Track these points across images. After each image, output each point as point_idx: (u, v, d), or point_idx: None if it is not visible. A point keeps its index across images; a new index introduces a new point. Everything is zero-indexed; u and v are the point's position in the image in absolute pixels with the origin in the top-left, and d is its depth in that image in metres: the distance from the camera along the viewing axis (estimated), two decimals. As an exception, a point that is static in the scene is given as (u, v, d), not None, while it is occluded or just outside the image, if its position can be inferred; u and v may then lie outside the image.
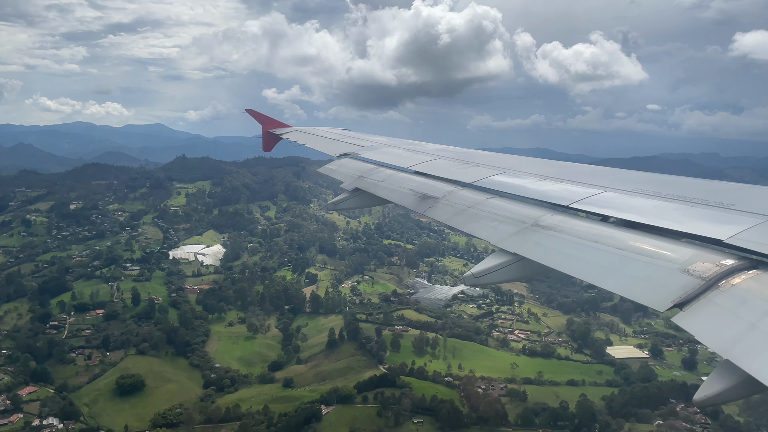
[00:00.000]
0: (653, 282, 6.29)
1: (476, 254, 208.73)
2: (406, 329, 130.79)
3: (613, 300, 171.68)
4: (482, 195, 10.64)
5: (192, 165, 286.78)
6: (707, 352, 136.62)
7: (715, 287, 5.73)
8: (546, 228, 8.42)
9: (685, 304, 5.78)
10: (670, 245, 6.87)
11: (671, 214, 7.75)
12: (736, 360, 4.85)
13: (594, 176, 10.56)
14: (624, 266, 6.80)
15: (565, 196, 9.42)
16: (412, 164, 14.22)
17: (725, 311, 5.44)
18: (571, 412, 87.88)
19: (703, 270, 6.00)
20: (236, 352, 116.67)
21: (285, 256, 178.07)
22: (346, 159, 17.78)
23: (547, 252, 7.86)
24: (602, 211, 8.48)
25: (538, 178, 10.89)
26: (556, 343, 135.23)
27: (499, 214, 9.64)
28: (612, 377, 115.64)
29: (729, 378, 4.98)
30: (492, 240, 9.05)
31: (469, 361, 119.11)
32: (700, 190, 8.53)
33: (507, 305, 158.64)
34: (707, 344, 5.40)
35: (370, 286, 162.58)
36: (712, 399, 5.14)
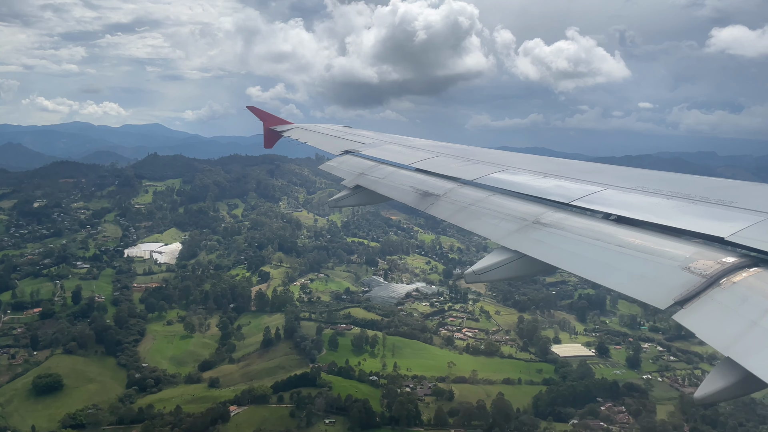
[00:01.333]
0: (654, 279, 6.20)
1: (441, 252, 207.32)
2: (349, 327, 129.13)
3: (573, 298, 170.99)
4: (483, 192, 10.56)
5: (163, 163, 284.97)
6: (656, 350, 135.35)
7: (716, 285, 5.63)
8: (547, 225, 8.34)
9: (686, 301, 5.64)
10: (671, 243, 6.79)
11: (672, 212, 7.67)
12: (736, 357, 4.75)
13: (595, 173, 10.43)
14: (625, 264, 6.74)
15: (566, 193, 9.31)
16: (413, 161, 14.13)
17: (726, 309, 5.35)
18: (486, 412, 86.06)
19: (704, 267, 5.92)
20: (169, 351, 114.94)
21: (242, 254, 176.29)
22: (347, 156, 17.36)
23: (548, 249, 7.80)
24: (603, 208, 8.37)
25: (539, 176, 10.81)
26: (503, 342, 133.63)
27: (500, 211, 9.56)
28: (551, 376, 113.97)
29: (729, 375, 4.91)
30: (493, 237, 8.92)
31: (408, 360, 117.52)
32: (702, 188, 8.41)
33: (461, 303, 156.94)
34: (708, 342, 5.27)
35: (324, 284, 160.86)
36: (713, 396, 5.05)
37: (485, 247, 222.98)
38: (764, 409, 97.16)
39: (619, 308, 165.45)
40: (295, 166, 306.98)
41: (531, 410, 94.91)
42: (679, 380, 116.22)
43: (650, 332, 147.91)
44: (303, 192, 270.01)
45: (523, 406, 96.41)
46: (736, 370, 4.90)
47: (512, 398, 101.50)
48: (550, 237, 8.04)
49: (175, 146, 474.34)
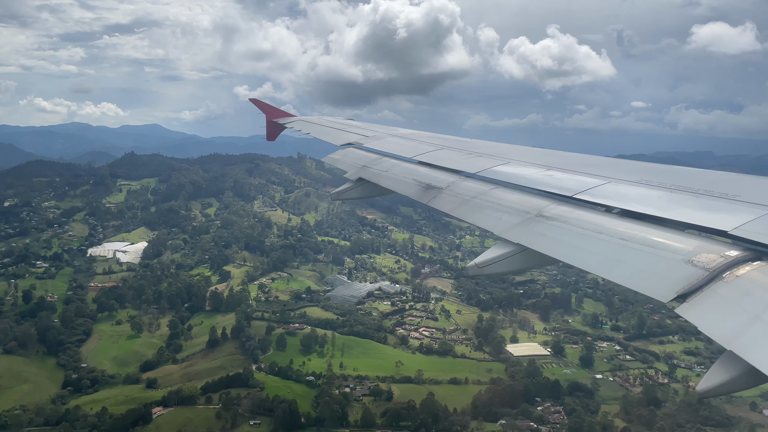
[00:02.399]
0: (657, 273, 6.19)
1: (412, 251, 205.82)
2: (301, 327, 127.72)
3: (540, 297, 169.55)
4: (486, 185, 10.54)
5: (141, 162, 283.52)
6: (614, 349, 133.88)
7: (719, 278, 5.57)
8: (550, 218, 8.29)
9: (688, 295, 5.59)
10: (674, 236, 6.75)
11: (675, 205, 7.63)
12: (739, 351, 4.71)
13: (598, 167, 10.38)
14: (627, 257, 6.70)
15: (569, 186, 9.23)
16: (416, 154, 14.05)
17: (729, 302, 5.29)
18: (416, 412, 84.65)
19: (707, 261, 5.87)
20: (113, 351, 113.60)
21: (206, 253, 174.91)
22: (350, 149, 17.17)
23: (551, 242, 7.76)
24: (606, 201, 8.30)
25: (542, 169, 10.75)
26: (458, 341, 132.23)
27: (502, 204, 9.47)
28: (500, 375, 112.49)
29: (732, 369, 4.88)
30: (496, 230, 8.72)
31: (357, 360, 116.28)
32: (705, 181, 8.38)
33: (423, 302, 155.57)
34: (710, 335, 5.14)
35: (286, 284, 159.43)
36: (715, 390, 4.97)
37: (459, 246, 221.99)
38: (707, 410, 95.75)
39: (585, 307, 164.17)
40: (275, 165, 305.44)
41: (469, 410, 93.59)
42: (630, 380, 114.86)
43: (612, 331, 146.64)
44: (281, 191, 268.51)
45: (461, 406, 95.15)
46: (738, 363, 4.85)
47: (455, 398, 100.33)
48: (553, 230, 7.99)
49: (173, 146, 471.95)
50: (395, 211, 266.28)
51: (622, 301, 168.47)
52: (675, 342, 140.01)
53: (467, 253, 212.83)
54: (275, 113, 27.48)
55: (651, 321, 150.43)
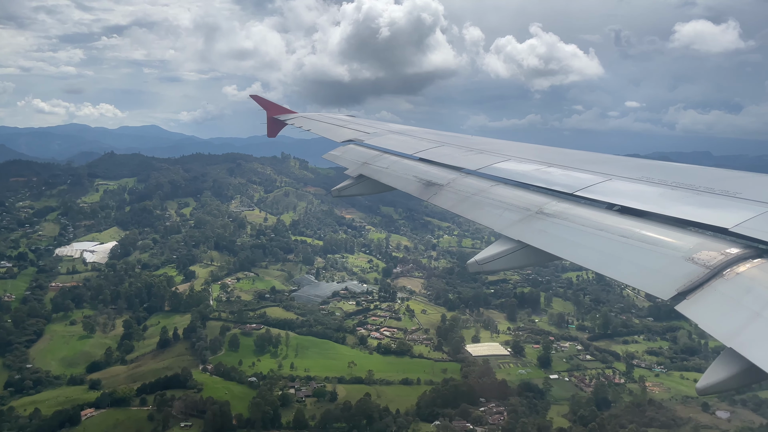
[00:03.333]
0: (657, 270, 6.14)
1: (387, 251, 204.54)
2: (258, 327, 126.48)
3: (510, 296, 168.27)
4: (487, 182, 10.55)
5: (120, 162, 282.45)
6: (575, 349, 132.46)
7: (719, 276, 5.58)
8: (550, 215, 8.30)
9: (689, 292, 5.56)
10: (674, 233, 6.70)
11: (676, 202, 7.60)
12: (739, 348, 4.70)
13: (599, 164, 10.38)
14: (628, 254, 6.66)
15: (570, 183, 9.22)
16: (417, 151, 14.14)
17: (729, 300, 5.28)
18: (350, 414, 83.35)
19: (707, 258, 5.86)
20: (63, 352, 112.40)
21: (175, 253, 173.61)
22: (350, 145, 17.25)
23: (552, 239, 7.78)
24: (607, 198, 8.29)
25: (543, 166, 10.75)
26: (419, 341, 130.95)
27: (503, 201, 9.47)
28: (454, 375, 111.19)
29: (732, 366, 4.86)
30: (496, 227, 8.72)
31: (311, 360, 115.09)
32: (707, 178, 8.38)
33: (389, 302, 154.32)
34: (711, 332, 5.15)
35: (251, 283, 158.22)
36: (715, 387, 4.96)
37: (435, 246, 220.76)
38: (654, 411, 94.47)
39: (554, 306, 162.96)
40: (258, 165, 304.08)
41: (413, 410, 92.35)
42: (586, 380, 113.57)
43: (577, 331, 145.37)
44: (260, 191, 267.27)
45: (406, 406, 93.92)
46: (738, 361, 4.80)
47: (402, 398, 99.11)
48: (554, 227, 7.99)
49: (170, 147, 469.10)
50: (375, 210, 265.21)
51: (593, 301, 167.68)
52: (639, 342, 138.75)
53: (442, 252, 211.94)
54: (276, 110, 27.75)
55: (617, 321, 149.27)
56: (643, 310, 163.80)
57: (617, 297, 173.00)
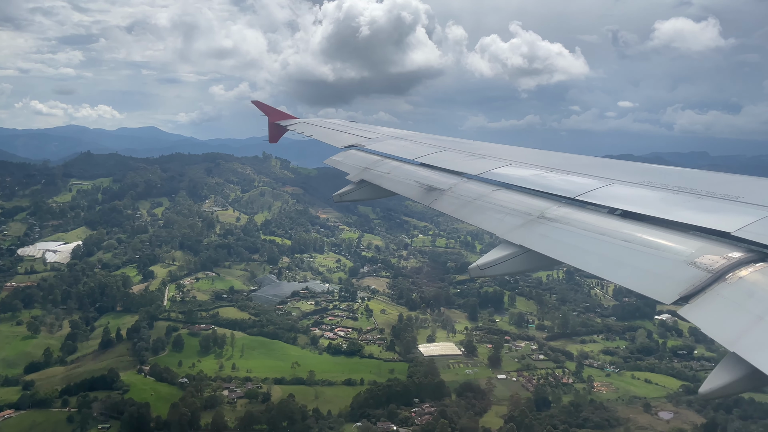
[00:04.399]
0: (660, 274, 6.16)
1: (357, 251, 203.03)
2: (207, 328, 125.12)
3: (474, 296, 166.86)
4: (488, 187, 10.58)
5: (97, 162, 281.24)
6: (530, 348, 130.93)
7: (721, 280, 5.60)
8: (552, 220, 8.26)
9: (691, 296, 5.58)
10: (676, 237, 6.70)
11: (678, 207, 7.54)
12: (741, 353, 4.71)
13: (600, 168, 10.41)
14: (630, 258, 6.68)
15: (572, 188, 9.21)
16: (418, 156, 14.17)
17: (732, 304, 5.29)
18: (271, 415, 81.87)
19: (710, 262, 5.87)
20: (3, 352, 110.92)
21: (138, 252, 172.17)
22: (352, 150, 17.37)
23: (553, 244, 7.74)
24: (609, 203, 8.18)
25: (545, 170, 10.78)
26: (372, 341, 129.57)
27: (504, 206, 9.48)
28: (398, 376, 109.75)
29: (734, 371, 4.81)
30: (498, 232, 8.64)
31: (256, 360, 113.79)
32: (708, 182, 8.31)
33: (349, 302, 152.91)
34: (713, 337, 5.09)
35: (210, 283, 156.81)
36: (718, 391, 4.94)
37: (407, 245, 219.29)
38: (591, 411, 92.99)
39: (517, 306, 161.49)
40: (238, 165, 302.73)
41: (347, 411, 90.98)
42: (533, 380, 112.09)
43: (536, 330, 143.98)
44: (237, 190, 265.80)
45: (341, 407, 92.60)
46: (741, 365, 4.76)
47: (341, 399, 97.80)
48: (556, 232, 8.02)
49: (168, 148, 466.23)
50: (353, 210, 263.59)
51: (558, 300, 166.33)
52: (598, 342, 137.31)
53: (414, 252, 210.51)
54: (277, 115, 27.88)
55: (578, 320, 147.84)
56: (608, 309, 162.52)
57: (584, 296, 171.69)
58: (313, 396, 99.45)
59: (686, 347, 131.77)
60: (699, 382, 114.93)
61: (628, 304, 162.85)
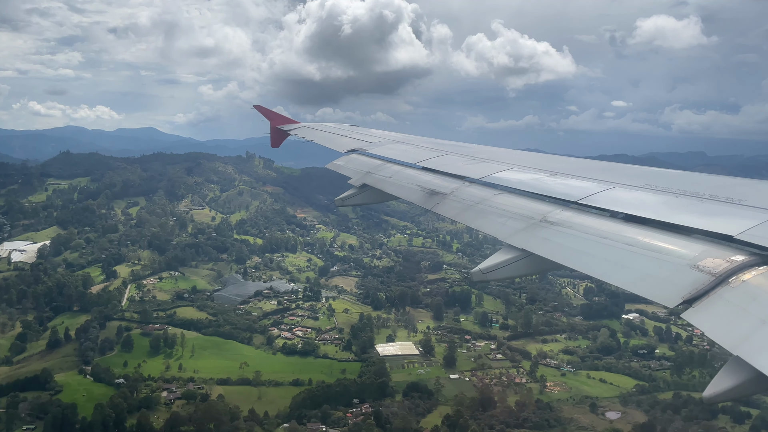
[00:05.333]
0: (663, 278, 6.14)
1: (331, 251, 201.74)
2: (162, 328, 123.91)
3: (442, 295, 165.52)
4: (490, 191, 10.40)
5: (76, 161, 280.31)
6: (489, 348, 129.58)
7: (725, 283, 5.59)
8: (554, 224, 8.27)
9: (694, 300, 5.57)
10: (679, 241, 6.70)
11: (681, 210, 7.51)
12: (745, 356, 4.71)
13: (603, 172, 10.31)
14: (633, 262, 6.69)
15: (574, 192, 9.10)
16: (420, 160, 14.17)
17: (735, 307, 5.28)
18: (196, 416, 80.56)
19: (713, 266, 5.86)
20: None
21: (104, 252, 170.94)
22: (354, 155, 17.54)
23: (556, 248, 7.74)
24: (611, 206, 8.24)
25: (547, 174, 10.72)
26: (330, 341, 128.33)
27: (507, 210, 9.37)
28: (349, 376, 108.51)
29: (738, 375, 4.82)
30: (500, 236, 8.63)
31: (204, 361, 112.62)
32: (711, 186, 8.35)
33: (313, 301, 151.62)
34: (717, 340, 5.06)
35: (174, 283, 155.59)
36: (722, 395, 4.94)
37: (381, 244, 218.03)
38: (530, 411, 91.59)
39: (484, 305, 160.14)
40: (220, 164, 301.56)
41: (285, 412, 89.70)
42: (486, 380, 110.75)
43: (500, 330, 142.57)
44: (216, 189, 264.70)
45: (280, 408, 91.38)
46: (745, 369, 4.76)
47: (286, 400, 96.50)
48: (558, 235, 7.97)
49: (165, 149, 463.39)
50: (332, 209, 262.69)
51: (528, 300, 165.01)
52: (560, 341, 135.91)
53: (388, 251, 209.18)
54: (279, 120, 28.04)
55: (543, 319, 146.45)
56: (576, 308, 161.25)
57: (554, 296, 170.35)
58: (257, 396, 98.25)
59: (648, 347, 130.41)
60: (655, 381, 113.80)
61: (597, 303, 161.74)
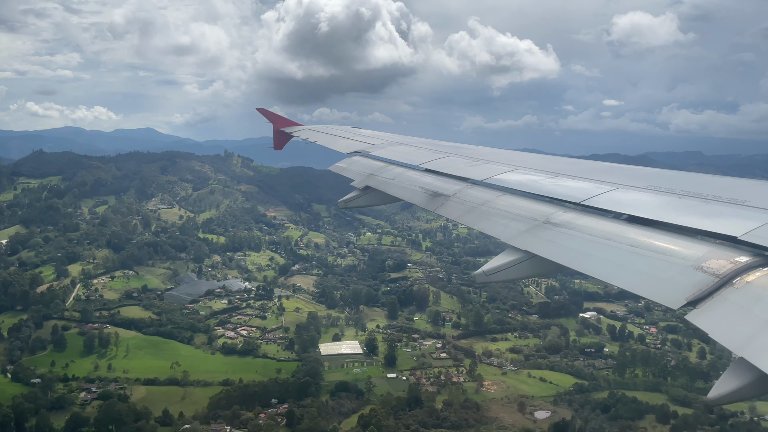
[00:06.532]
0: (666, 279, 6.13)
1: (295, 249, 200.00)
2: (102, 327, 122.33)
3: (401, 295, 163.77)
4: (493, 192, 10.49)
5: (49, 160, 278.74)
6: (435, 347, 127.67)
7: (729, 284, 5.62)
8: (557, 225, 8.26)
9: (698, 301, 5.60)
10: (683, 242, 6.72)
11: (684, 211, 7.51)
12: (750, 357, 4.73)
13: (606, 173, 10.33)
14: (636, 263, 6.70)
15: (577, 193, 9.08)
16: (423, 162, 14.19)
17: (739, 309, 5.29)
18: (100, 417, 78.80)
19: (717, 267, 5.88)
20: None
21: (61, 250, 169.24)
22: (356, 157, 17.58)
23: (559, 249, 7.77)
24: (615, 207, 8.22)
25: (550, 176, 10.75)
26: (274, 340, 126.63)
27: (510, 211, 9.41)
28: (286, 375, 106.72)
29: (743, 376, 4.86)
30: (503, 237, 8.65)
31: (137, 361, 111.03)
32: (714, 187, 8.34)
33: (265, 300, 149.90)
34: (721, 342, 5.11)
35: (126, 282, 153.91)
36: (726, 397, 4.94)
37: (349, 243, 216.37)
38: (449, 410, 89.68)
39: (441, 303, 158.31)
40: (197, 163, 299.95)
41: (203, 413, 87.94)
42: (423, 380, 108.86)
43: (452, 329, 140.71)
44: (189, 188, 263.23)
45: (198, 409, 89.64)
46: (749, 370, 4.75)
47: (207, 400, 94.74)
48: (561, 237, 7.96)
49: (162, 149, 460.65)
50: (305, 208, 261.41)
51: (488, 298, 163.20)
52: (509, 339, 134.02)
53: (353, 250, 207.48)
54: (282, 122, 28.05)
55: (497, 317, 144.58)
56: (534, 307, 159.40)
57: (516, 294, 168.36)
58: (181, 397, 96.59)
59: (597, 345, 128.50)
60: (596, 380, 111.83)
61: (556, 302, 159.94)
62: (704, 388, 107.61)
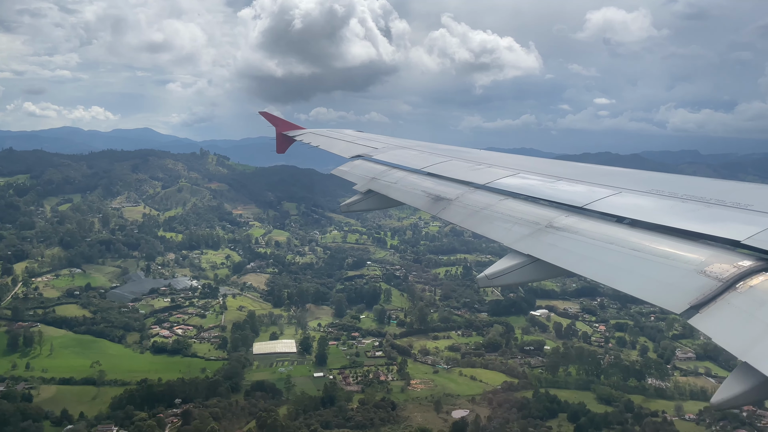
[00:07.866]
0: (669, 283, 6.09)
1: (254, 248, 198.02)
2: (32, 325, 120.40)
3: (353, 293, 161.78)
4: (495, 197, 10.45)
5: (18, 158, 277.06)
6: (372, 346, 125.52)
7: (732, 289, 5.58)
8: (560, 229, 8.21)
9: (701, 305, 5.55)
10: (686, 246, 6.67)
11: (687, 215, 7.50)
12: (753, 362, 4.70)
13: (608, 177, 10.28)
14: (639, 268, 6.65)
15: (579, 197, 9.03)
16: (425, 166, 14.06)
17: (742, 313, 5.24)
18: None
19: (720, 271, 5.85)
20: None
21: (9, 249, 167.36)
22: (359, 161, 17.35)
23: (561, 253, 7.70)
24: (617, 212, 8.15)
25: (551, 179, 10.69)
26: (208, 339, 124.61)
27: (512, 215, 9.34)
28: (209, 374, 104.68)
29: (746, 380, 4.82)
30: (505, 241, 8.59)
31: (60, 360, 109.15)
32: (717, 190, 8.31)
33: (209, 298, 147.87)
34: (724, 346, 5.05)
35: (71, 280, 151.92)
36: (730, 402, 4.90)
37: (312, 241, 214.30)
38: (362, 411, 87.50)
39: (392, 301, 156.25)
40: (170, 161, 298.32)
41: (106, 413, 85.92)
42: (350, 379, 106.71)
43: (397, 327, 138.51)
44: (158, 186, 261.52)
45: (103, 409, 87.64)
46: (753, 375, 4.70)
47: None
48: (564, 241, 7.90)
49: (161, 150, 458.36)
50: (275, 206, 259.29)
51: (442, 296, 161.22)
52: (452, 337, 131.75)
53: (314, 248, 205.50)
54: (285, 126, 28.18)
55: (443, 315, 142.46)
56: (487, 305, 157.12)
57: (472, 292, 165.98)
58: (92, 397, 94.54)
59: (537, 343, 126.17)
60: (527, 378, 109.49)
61: (508, 300, 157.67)
62: (635, 387, 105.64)
